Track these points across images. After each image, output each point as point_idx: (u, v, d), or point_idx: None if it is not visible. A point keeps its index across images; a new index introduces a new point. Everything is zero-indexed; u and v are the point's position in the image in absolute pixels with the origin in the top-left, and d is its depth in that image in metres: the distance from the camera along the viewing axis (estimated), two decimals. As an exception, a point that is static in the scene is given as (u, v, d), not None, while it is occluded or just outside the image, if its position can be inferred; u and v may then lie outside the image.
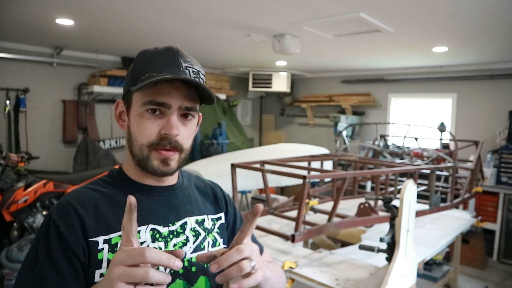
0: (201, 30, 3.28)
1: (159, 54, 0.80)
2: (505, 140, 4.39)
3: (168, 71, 0.77)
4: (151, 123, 0.78)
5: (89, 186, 0.82)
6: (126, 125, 0.83)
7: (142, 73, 0.78)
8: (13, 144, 4.15)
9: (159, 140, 0.78)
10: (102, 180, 0.85)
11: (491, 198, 4.27)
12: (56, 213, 0.75)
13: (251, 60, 5.08)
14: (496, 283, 3.77)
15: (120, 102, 0.85)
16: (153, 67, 0.78)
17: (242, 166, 2.33)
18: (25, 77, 4.20)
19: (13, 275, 2.68)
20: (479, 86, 4.76)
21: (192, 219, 0.87)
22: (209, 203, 0.95)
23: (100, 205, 0.78)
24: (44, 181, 3.22)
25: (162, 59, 0.79)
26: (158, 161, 0.79)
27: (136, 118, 0.79)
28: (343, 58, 4.65)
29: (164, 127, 0.78)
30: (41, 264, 0.71)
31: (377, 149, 3.92)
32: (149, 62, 0.79)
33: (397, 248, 1.65)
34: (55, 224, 0.73)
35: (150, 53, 0.81)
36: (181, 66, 0.79)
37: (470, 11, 2.49)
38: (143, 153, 0.79)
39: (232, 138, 5.44)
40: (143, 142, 0.79)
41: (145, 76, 0.77)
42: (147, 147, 0.79)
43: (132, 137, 0.81)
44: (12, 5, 2.62)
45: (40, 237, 0.74)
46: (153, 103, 0.77)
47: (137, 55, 0.83)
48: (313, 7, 2.50)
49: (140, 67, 0.80)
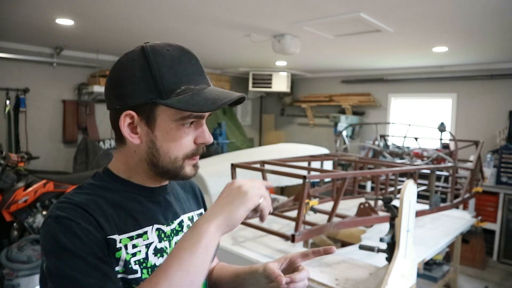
0: (201, 30, 3.28)
1: (181, 59, 0.74)
2: (505, 140, 4.39)
3: (202, 82, 0.75)
4: (187, 135, 0.76)
5: (81, 191, 0.76)
6: (143, 139, 0.75)
7: (175, 84, 0.71)
8: (13, 144, 4.15)
9: (196, 150, 0.78)
10: (91, 184, 0.78)
11: (491, 198, 4.27)
12: (67, 213, 0.69)
13: (251, 60, 5.08)
14: (496, 283, 3.77)
15: (130, 114, 0.74)
16: (185, 77, 0.73)
17: (242, 166, 2.33)
18: (25, 77, 4.20)
19: (13, 275, 2.67)
20: (479, 86, 4.76)
21: (185, 217, 0.89)
22: (191, 200, 0.97)
23: (104, 207, 0.74)
24: (44, 181, 3.22)
25: (190, 66, 0.74)
26: (190, 167, 0.79)
27: (170, 133, 0.74)
28: (343, 58, 4.65)
29: (200, 136, 0.77)
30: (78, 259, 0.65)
31: (377, 149, 3.91)
32: (177, 70, 0.72)
33: (397, 248, 1.65)
34: (75, 221, 0.68)
35: (169, 56, 0.73)
36: (205, 73, 0.77)
37: (470, 11, 2.49)
38: (177, 165, 0.77)
39: (232, 138, 5.45)
40: (178, 155, 0.76)
41: (181, 89, 0.71)
42: (182, 158, 0.77)
43: (160, 151, 0.75)
44: (12, 5, 2.62)
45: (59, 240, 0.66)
46: (192, 117, 0.74)
47: (146, 55, 0.73)
48: (313, 7, 2.50)
49: (168, 76, 0.71)
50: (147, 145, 0.75)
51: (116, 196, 0.77)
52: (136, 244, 0.75)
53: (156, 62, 0.72)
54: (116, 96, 0.75)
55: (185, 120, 0.74)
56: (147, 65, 0.71)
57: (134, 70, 0.72)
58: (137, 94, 0.72)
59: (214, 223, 0.67)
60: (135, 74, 0.72)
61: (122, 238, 0.74)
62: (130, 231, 0.75)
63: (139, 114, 0.74)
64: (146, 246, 0.77)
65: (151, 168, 0.77)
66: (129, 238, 0.75)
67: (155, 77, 0.71)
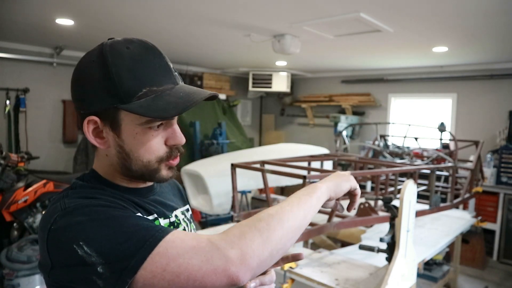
0: (201, 30, 3.28)
1: (142, 57, 0.70)
2: (505, 140, 4.39)
3: (167, 82, 0.71)
4: (156, 137, 0.72)
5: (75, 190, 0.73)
6: (111, 143, 0.73)
7: (136, 87, 0.67)
8: (13, 144, 4.15)
9: (170, 152, 0.75)
10: (81, 186, 0.75)
11: (491, 198, 4.27)
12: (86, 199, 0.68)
13: (251, 60, 5.08)
14: (496, 283, 3.77)
15: (93, 119, 0.70)
16: (148, 78, 0.68)
17: (242, 166, 2.33)
18: (25, 77, 4.20)
19: (13, 275, 2.67)
20: (479, 86, 4.76)
21: (179, 211, 0.89)
22: (177, 196, 0.97)
23: (106, 198, 0.72)
24: (44, 181, 3.22)
25: (152, 65, 0.70)
26: (166, 170, 0.76)
27: (136, 137, 0.71)
28: (343, 58, 4.65)
29: (171, 137, 0.74)
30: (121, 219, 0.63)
31: (377, 149, 3.91)
32: (137, 71, 0.68)
33: (397, 248, 1.65)
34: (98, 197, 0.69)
35: (128, 56, 0.69)
36: (171, 69, 0.73)
37: (470, 11, 2.49)
38: (151, 168, 0.74)
39: (232, 138, 5.44)
40: (150, 159, 0.73)
41: (143, 92, 0.67)
42: (156, 161, 0.74)
43: (130, 156, 0.72)
44: (12, 5, 2.62)
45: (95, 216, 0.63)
46: (160, 120, 0.71)
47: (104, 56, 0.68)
48: (313, 7, 2.50)
49: (127, 79, 0.67)
50: (116, 149, 0.73)
51: (110, 197, 0.75)
52: None
53: (115, 64, 0.67)
54: (78, 100, 0.72)
55: (151, 124, 0.70)
56: (106, 67, 0.67)
57: (93, 73, 0.68)
58: (97, 99, 0.68)
59: (326, 184, 0.79)
60: (94, 77, 0.68)
61: None
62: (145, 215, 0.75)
63: (103, 119, 0.70)
64: None
65: (125, 172, 0.75)
66: None
67: (114, 81, 0.67)
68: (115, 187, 0.77)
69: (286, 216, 0.67)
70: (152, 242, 0.59)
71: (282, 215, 0.67)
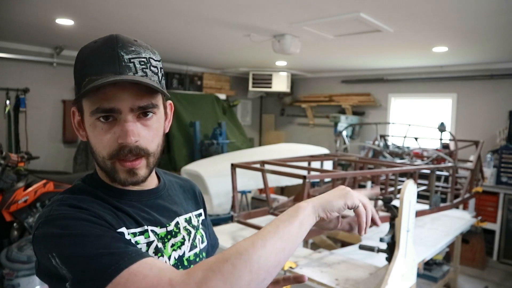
0: (201, 30, 3.28)
1: (97, 49, 0.71)
2: (505, 140, 4.39)
3: (109, 70, 0.68)
4: (106, 132, 0.71)
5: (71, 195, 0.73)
6: (85, 136, 0.75)
7: (82, 77, 0.70)
8: (13, 144, 4.15)
9: (119, 150, 0.71)
10: (79, 188, 0.76)
11: (491, 198, 4.27)
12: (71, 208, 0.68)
13: (251, 60, 5.08)
14: (496, 283, 3.77)
15: (75, 110, 0.76)
16: (92, 68, 0.69)
17: (242, 166, 2.33)
18: (25, 77, 4.20)
19: (13, 275, 2.67)
20: (479, 86, 4.76)
21: (182, 219, 0.86)
22: (190, 200, 0.95)
23: (103, 206, 0.73)
24: (44, 181, 3.22)
25: (101, 55, 0.70)
26: (124, 173, 0.73)
27: (90, 128, 0.72)
28: (343, 58, 4.65)
29: (120, 135, 0.70)
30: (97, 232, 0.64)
31: (377, 149, 3.91)
32: (88, 62, 0.71)
33: (397, 248, 1.65)
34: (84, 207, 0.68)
35: (89, 49, 0.72)
36: (122, 60, 0.70)
37: (470, 11, 2.49)
38: (107, 166, 0.73)
39: (232, 138, 5.44)
40: (103, 155, 0.72)
41: (85, 81, 0.69)
42: (109, 159, 0.72)
43: (93, 149, 0.74)
44: (12, 5, 2.62)
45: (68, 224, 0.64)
46: (100, 111, 0.69)
47: (79, 51, 0.74)
48: (313, 7, 2.50)
49: (80, 70, 0.71)
50: (89, 143, 0.75)
51: (109, 200, 0.75)
52: (138, 241, 0.74)
53: (78, 57, 0.73)
54: None
55: (95, 115, 0.70)
56: (75, 62, 0.74)
57: None
58: (75, 89, 0.74)
59: (312, 204, 0.72)
60: None
61: (129, 232, 0.73)
62: (133, 228, 0.74)
63: (78, 109, 0.75)
64: (147, 244, 0.75)
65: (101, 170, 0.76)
66: (133, 234, 0.73)
67: (75, 73, 0.73)
68: (112, 190, 0.77)
69: (257, 254, 0.59)
70: (114, 270, 0.58)
71: (253, 253, 0.59)
